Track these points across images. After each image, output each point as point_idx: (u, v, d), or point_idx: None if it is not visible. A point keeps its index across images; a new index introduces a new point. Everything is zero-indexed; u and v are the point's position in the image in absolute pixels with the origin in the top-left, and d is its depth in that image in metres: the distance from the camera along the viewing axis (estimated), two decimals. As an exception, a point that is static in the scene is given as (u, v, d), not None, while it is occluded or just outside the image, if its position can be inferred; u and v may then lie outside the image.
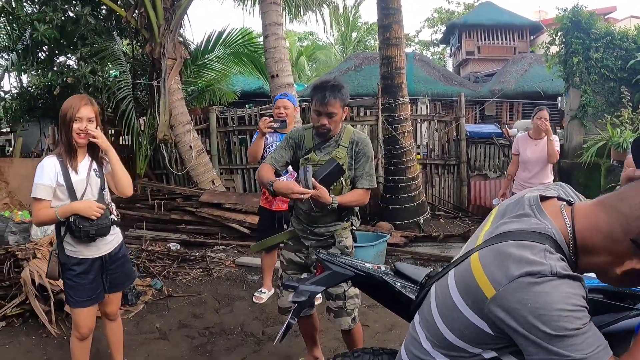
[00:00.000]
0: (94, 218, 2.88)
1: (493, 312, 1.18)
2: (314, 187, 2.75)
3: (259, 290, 4.98)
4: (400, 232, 6.82)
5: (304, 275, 3.17)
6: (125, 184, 3.12)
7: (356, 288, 3.00)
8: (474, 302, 1.23)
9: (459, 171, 9.17)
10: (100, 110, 3.02)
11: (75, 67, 8.41)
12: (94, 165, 3.05)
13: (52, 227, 5.43)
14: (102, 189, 3.05)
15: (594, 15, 8.87)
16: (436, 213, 8.88)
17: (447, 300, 1.32)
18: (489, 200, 8.79)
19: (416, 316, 1.51)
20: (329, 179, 2.85)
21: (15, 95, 9.81)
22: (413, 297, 1.95)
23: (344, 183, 3.00)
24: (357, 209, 3.20)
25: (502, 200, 5.88)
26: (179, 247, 6.47)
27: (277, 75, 7.60)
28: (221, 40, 9.75)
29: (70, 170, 2.93)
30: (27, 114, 10.10)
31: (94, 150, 3.06)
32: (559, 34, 8.96)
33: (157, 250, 6.09)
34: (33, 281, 4.27)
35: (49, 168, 2.88)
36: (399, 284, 2.13)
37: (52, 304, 4.27)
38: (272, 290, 5.00)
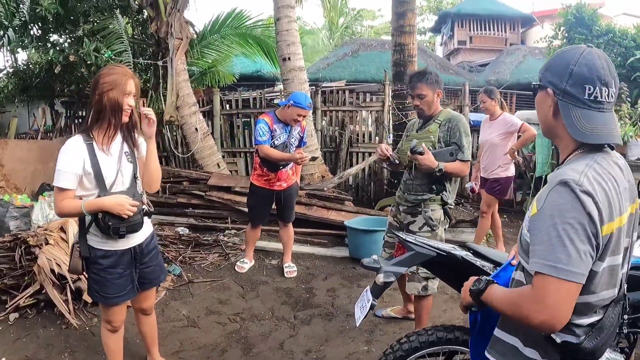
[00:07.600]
0: (126, 217, 2.53)
1: None
2: (423, 153, 3.18)
3: (242, 260, 5.32)
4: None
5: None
6: (156, 179, 2.76)
7: None
8: None
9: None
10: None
11: (70, 45, 8.16)
12: (126, 148, 2.65)
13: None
14: (134, 176, 2.66)
15: (596, 12, 9.02)
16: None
17: None
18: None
19: None
20: (437, 156, 3.27)
21: (10, 74, 9.46)
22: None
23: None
24: (449, 187, 3.46)
25: (476, 184, 6.10)
26: (187, 231, 6.31)
27: (289, 59, 7.49)
28: (229, 20, 9.47)
29: (99, 154, 2.53)
30: (22, 94, 9.73)
31: (126, 130, 2.66)
32: (561, 28, 9.09)
33: (168, 235, 5.92)
34: (52, 270, 3.99)
35: (74, 152, 2.48)
36: (478, 263, 2.29)
37: (69, 293, 4.01)
38: (253, 262, 5.36)
